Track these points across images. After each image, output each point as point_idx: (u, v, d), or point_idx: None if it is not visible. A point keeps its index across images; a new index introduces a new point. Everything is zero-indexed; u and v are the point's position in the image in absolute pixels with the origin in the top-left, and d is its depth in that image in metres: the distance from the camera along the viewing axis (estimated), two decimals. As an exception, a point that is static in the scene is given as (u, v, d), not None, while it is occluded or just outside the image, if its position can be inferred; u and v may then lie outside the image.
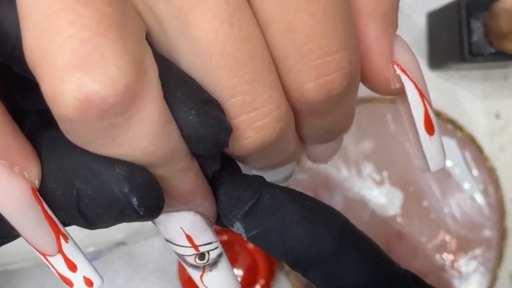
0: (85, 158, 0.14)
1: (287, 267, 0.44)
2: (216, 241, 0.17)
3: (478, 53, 0.40)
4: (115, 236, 0.38)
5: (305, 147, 0.19)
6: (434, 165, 0.17)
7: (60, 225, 0.15)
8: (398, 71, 0.16)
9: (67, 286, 0.16)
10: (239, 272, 0.43)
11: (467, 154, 0.45)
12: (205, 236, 0.17)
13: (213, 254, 0.17)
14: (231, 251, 0.43)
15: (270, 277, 0.42)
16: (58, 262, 0.15)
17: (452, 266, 0.45)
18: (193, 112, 0.14)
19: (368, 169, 0.45)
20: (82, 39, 0.12)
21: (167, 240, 0.17)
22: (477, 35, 0.39)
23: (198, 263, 0.17)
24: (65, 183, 0.14)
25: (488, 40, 0.39)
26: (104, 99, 0.12)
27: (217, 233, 0.42)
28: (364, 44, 0.16)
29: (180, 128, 0.14)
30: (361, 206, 0.45)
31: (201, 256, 0.17)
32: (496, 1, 0.38)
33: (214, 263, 0.17)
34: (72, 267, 0.15)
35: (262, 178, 0.17)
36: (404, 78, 0.17)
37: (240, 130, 0.15)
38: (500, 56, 0.39)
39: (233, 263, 0.43)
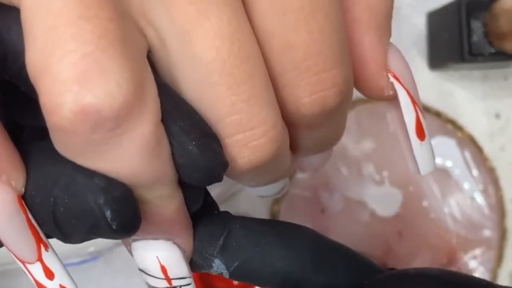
0: (67, 167, 0.14)
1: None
2: (190, 277, 0.17)
3: (478, 53, 0.40)
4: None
5: (296, 158, 0.19)
6: (424, 169, 0.18)
7: (41, 233, 0.15)
8: (392, 79, 0.17)
9: None
10: (239, 272, 0.43)
11: (467, 154, 0.45)
12: (180, 269, 0.16)
13: None
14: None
15: (270, 277, 0.42)
16: (36, 270, 0.15)
17: (452, 266, 0.45)
18: (194, 143, 0.14)
19: (368, 169, 0.45)
20: (83, 54, 0.12)
21: (140, 270, 0.17)
22: (477, 35, 0.40)
23: None
24: (44, 191, 0.14)
25: (488, 40, 0.39)
26: (99, 113, 0.12)
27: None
28: (359, 53, 0.16)
29: (177, 156, 0.14)
30: (361, 206, 0.45)
31: None
32: (496, 1, 0.38)
33: None
34: (50, 275, 0.15)
35: (227, 212, 0.18)
36: (397, 86, 0.17)
37: (235, 149, 0.15)
38: (500, 56, 0.40)
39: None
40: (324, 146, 0.19)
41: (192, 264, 0.17)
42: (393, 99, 0.17)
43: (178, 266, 0.16)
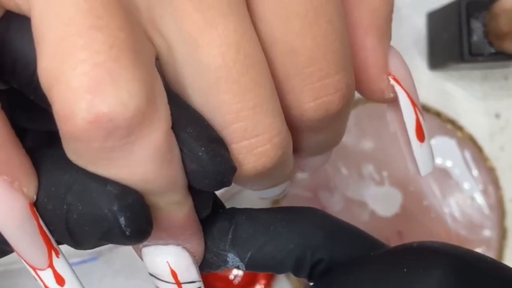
0: (80, 175, 0.14)
1: (287, 267, 0.44)
2: (200, 281, 0.17)
3: (478, 53, 0.40)
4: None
5: (297, 160, 0.20)
6: (424, 170, 0.19)
7: (52, 240, 0.15)
8: (392, 81, 0.17)
9: None
10: (239, 272, 0.43)
11: (467, 154, 0.45)
12: (190, 274, 0.17)
13: None
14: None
15: (270, 277, 0.42)
16: (47, 276, 0.15)
17: (452, 266, 0.45)
18: (203, 149, 0.14)
19: (368, 169, 0.45)
20: (95, 63, 0.12)
21: (150, 275, 0.17)
22: (477, 35, 0.40)
23: None
24: (56, 198, 0.14)
25: (488, 40, 0.39)
26: (112, 121, 0.12)
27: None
28: (361, 56, 0.17)
29: (187, 162, 0.14)
30: (361, 206, 0.45)
31: None
32: (496, 1, 0.38)
33: None
34: (60, 281, 0.16)
35: (232, 207, 0.18)
36: (397, 88, 0.17)
37: (240, 156, 0.15)
38: (500, 56, 0.40)
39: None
40: (326, 148, 0.19)
41: (208, 264, 0.17)
42: (393, 101, 0.18)
43: (188, 271, 0.17)
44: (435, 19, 0.45)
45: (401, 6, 0.45)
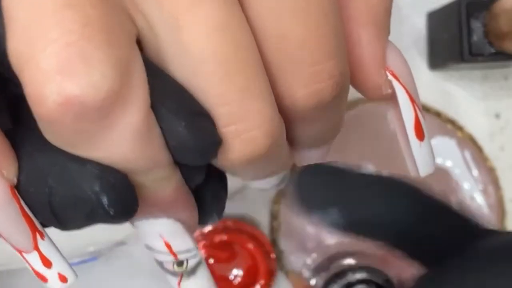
0: (60, 156, 0.14)
1: (287, 267, 0.44)
2: (196, 249, 0.17)
3: (478, 53, 0.40)
4: (115, 236, 0.38)
5: (294, 152, 0.19)
6: (423, 170, 0.18)
7: (36, 222, 0.15)
8: (390, 77, 0.17)
9: (41, 281, 0.16)
10: (239, 272, 0.43)
11: (467, 154, 0.45)
12: (184, 243, 0.17)
13: (191, 262, 0.17)
14: (231, 251, 0.43)
15: (270, 277, 0.42)
16: (33, 259, 0.15)
17: (452, 266, 0.45)
18: (183, 123, 0.14)
19: (368, 169, 0.45)
20: (66, 43, 0.12)
21: (146, 246, 0.17)
22: (477, 35, 0.40)
23: (176, 270, 0.17)
24: (38, 181, 0.14)
25: (488, 40, 0.39)
26: (83, 104, 0.12)
27: (216, 232, 0.42)
28: (357, 50, 0.16)
29: (167, 138, 0.14)
30: (361, 206, 0.45)
31: (180, 263, 0.17)
32: (496, 1, 0.38)
33: (192, 271, 0.17)
34: (47, 263, 0.16)
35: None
36: (395, 84, 0.17)
37: (227, 141, 0.15)
38: (500, 56, 0.40)
39: (233, 263, 0.43)
40: (322, 140, 0.19)
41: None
42: (391, 98, 0.17)
43: (182, 241, 0.16)
44: (435, 19, 0.45)
45: (401, 6, 0.45)
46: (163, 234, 0.16)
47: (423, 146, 0.18)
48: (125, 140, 0.13)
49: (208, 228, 0.43)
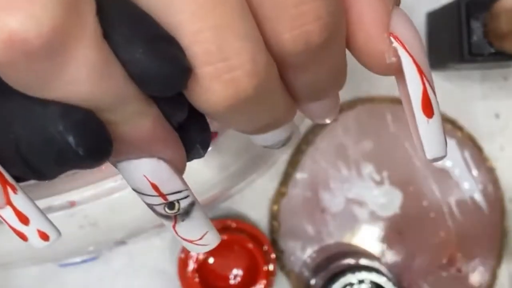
0: (22, 100, 0.13)
1: (287, 267, 0.44)
2: (186, 190, 0.16)
3: (477, 53, 0.40)
4: (115, 236, 0.38)
5: (298, 105, 0.18)
6: (431, 152, 0.16)
7: (6, 175, 0.14)
8: (395, 44, 0.15)
9: (22, 240, 0.15)
10: (239, 272, 0.43)
11: (467, 154, 0.45)
12: (172, 184, 0.16)
13: (183, 203, 0.16)
14: (231, 251, 0.43)
15: (270, 277, 0.42)
16: (8, 215, 0.15)
17: (451, 265, 0.45)
18: (141, 50, 0.13)
19: (368, 169, 0.45)
20: None
21: (134, 190, 0.16)
22: (477, 35, 0.40)
23: (168, 213, 0.16)
24: (3, 129, 0.13)
25: (487, 40, 0.39)
26: (27, 41, 0.11)
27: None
28: (356, 9, 0.15)
29: (128, 68, 0.13)
30: (361, 206, 0.45)
31: (170, 205, 0.16)
32: (496, 1, 0.38)
33: (186, 213, 0.16)
34: (24, 220, 0.15)
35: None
36: (401, 52, 0.15)
37: (205, 83, 0.13)
38: (500, 56, 0.40)
39: (233, 263, 0.43)
40: (324, 91, 0.17)
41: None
42: (397, 70, 0.15)
43: (169, 181, 0.15)
44: (435, 19, 0.45)
45: (401, 6, 0.45)
46: (147, 174, 0.15)
47: (431, 124, 0.15)
48: (82, 77, 0.12)
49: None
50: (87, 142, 0.13)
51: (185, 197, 0.16)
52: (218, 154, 0.29)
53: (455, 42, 0.40)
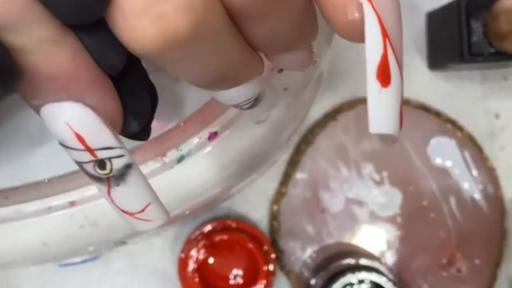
0: None
1: (287, 267, 0.44)
2: (121, 148, 0.14)
3: (477, 53, 0.40)
4: (115, 236, 0.38)
5: (267, 57, 0.16)
6: (375, 125, 0.14)
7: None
8: None
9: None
10: (239, 272, 0.43)
11: (467, 154, 0.45)
12: (102, 138, 0.14)
13: (117, 164, 0.14)
14: (231, 251, 0.43)
15: (270, 277, 0.42)
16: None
17: (451, 265, 0.45)
18: None
19: (368, 169, 0.45)
20: None
21: (60, 144, 0.14)
22: (477, 35, 0.40)
23: (99, 174, 0.14)
24: None
25: (487, 40, 0.39)
26: None
27: (216, 232, 0.42)
28: None
29: None
30: (361, 206, 0.45)
31: (101, 164, 0.14)
32: (496, 1, 0.38)
33: (121, 176, 0.14)
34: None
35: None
36: (366, 7, 0.13)
37: (133, 17, 0.12)
38: (500, 56, 0.40)
39: (233, 263, 0.43)
40: (287, 43, 0.16)
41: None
42: (360, 30, 0.13)
43: (98, 134, 0.14)
44: (435, 19, 0.45)
45: (401, 6, 0.45)
46: (70, 122, 0.13)
47: (384, 94, 0.13)
48: None
49: (208, 228, 0.43)
50: None
51: (119, 156, 0.14)
52: (218, 154, 0.29)
53: (455, 42, 0.40)
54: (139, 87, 0.15)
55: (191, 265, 0.41)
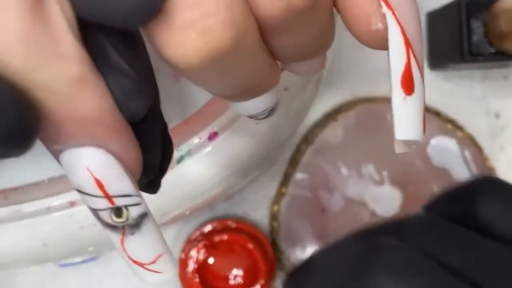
0: None
1: (287, 267, 0.44)
2: (138, 196, 0.14)
3: (478, 53, 0.40)
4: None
5: (283, 65, 0.17)
6: (401, 132, 0.14)
7: None
8: (385, 9, 0.13)
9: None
10: (239, 272, 0.43)
11: (467, 154, 0.45)
12: (121, 184, 0.14)
13: (133, 212, 0.14)
14: (231, 251, 0.43)
15: (270, 277, 0.42)
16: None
17: (452, 266, 0.45)
18: None
19: (368, 169, 0.45)
20: None
21: (77, 191, 0.14)
22: (477, 35, 0.39)
23: (115, 222, 0.14)
24: None
25: (488, 40, 0.39)
26: None
27: (216, 232, 0.42)
28: None
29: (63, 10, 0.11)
30: (361, 206, 0.45)
31: (118, 211, 0.14)
32: (496, 1, 0.38)
33: (136, 225, 0.14)
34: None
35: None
36: (389, 18, 0.13)
37: (180, 30, 0.12)
38: (500, 56, 0.39)
39: (233, 263, 0.43)
40: (310, 53, 0.16)
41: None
42: (384, 41, 0.14)
43: (118, 181, 0.14)
44: (435, 19, 0.45)
45: (401, 6, 0.45)
46: (91, 167, 0.13)
47: (408, 102, 0.14)
48: (10, 9, 0.11)
49: (208, 228, 0.43)
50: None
51: (136, 204, 0.14)
52: (218, 154, 0.29)
53: (455, 42, 0.40)
54: (153, 139, 0.15)
55: (191, 265, 0.41)
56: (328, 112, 0.45)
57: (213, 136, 0.28)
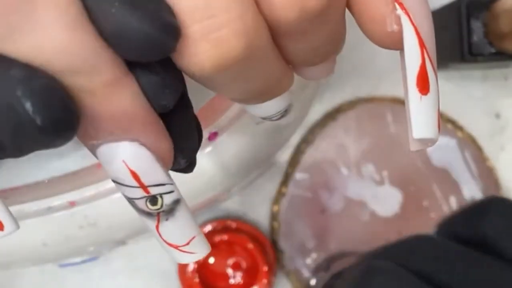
0: None
1: (287, 267, 0.44)
2: (171, 184, 0.15)
3: (478, 53, 0.40)
4: (115, 236, 0.38)
5: (294, 69, 0.17)
6: (419, 131, 0.15)
7: None
8: (399, 11, 0.14)
9: None
10: (239, 272, 0.43)
11: (467, 154, 0.45)
12: (155, 175, 0.15)
13: (167, 199, 0.15)
14: (231, 251, 0.43)
15: (270, 277, 0.42)
16: None
17: (452, 266, 0.45)
18: (116, 3, 0.12)
19: (368, 169, 0.45)
20: None
21: (114, 182, 0.15)
22: (477, 35, 0.39)
23: (150, 209, 0.15)
24: None
25: (488, 40, 0.39)
26: None
27: (216, 232, 0.42)
28: None
29: (102, 27, 0.12)
30: (361, 206, 0.45)
31: (153, 200, 0.15)
32: (496, 1, 0.38)
33: (170, 211, 0.15)
34: None
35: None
36: (404, 20, 0.14)
37: (194, 42, 0.13)
38: (500, 56, 0.39)
39: (233, 263, 0.43)
40: (320, 57, 0.17)
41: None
42: (399, 41, 0.14)
43: (152, 171, 0.14)
44: (435, 19, 0.45)
45: (401, 6, 0.45)
46: (127, 160, 0.14)
47: (424, 102, 0.14)
48: (53, 24, 0.12)
49: (208, 228, 0.43)
50: (46, 110, 0.12)
51: (170, 192, 0.15)
52: (218, 154, 0.29)
53: (455, 42, 0.40)
54: (187, 125, 0.16)
55: (191, 265, 0.41)
56: (328, 112, 0.45)
57: (213, 136, 0.28)
